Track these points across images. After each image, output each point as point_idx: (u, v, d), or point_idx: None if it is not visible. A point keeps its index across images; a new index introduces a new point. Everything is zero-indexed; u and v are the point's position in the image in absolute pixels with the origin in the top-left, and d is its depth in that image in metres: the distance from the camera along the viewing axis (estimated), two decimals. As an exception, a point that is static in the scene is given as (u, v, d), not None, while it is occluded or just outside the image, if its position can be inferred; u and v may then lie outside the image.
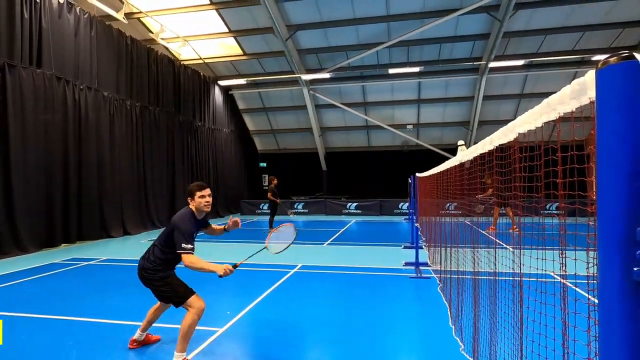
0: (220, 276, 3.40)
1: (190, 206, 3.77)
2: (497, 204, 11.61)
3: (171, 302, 3.77)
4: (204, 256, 3.73)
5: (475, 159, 3.32)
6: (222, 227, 4.19)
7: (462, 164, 4.19)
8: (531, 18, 15.16)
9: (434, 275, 6.86)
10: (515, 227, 11.05)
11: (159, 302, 4.01)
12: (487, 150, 2.77)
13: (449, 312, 4.87)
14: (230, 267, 3.43)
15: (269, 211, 13.53)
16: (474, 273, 3.58)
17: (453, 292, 4.72)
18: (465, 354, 3.69)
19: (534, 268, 1.95)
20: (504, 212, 12.20)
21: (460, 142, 13.88)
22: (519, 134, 2.00)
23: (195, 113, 18.18)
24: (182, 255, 3.54)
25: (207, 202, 3.74)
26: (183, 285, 3.75)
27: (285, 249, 4.08)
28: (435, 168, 6.49)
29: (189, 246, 3.54)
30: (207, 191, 3.77)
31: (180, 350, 3.55)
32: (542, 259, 1.88)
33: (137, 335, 4.13)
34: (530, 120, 1.76)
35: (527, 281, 2.16)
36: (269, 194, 12.94)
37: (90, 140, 11.95)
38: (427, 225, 8.91)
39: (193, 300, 3.63)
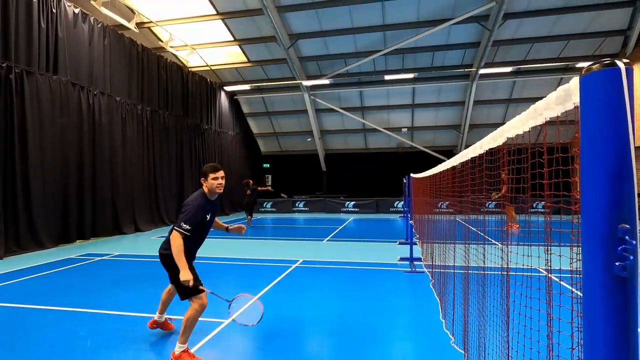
0: (181, 281, 3.31)
1: (203, 187, 3.66)
2: (508, 201, 9.81)
3: (178, 291, 3.66)
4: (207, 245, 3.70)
5: (466, 162, 3.32)
6: (226, 226, 4.25)
7: (454, 167, 4.18)
8: (519, 27, 15.16)
9: (426, 271, 6.85)
10: (516, 224, 10.69)
11: (171, 285, 3.95)
12: (477, 154, 2.77)
13: (439, 307, 4.86)
14: (191, 282, 3.32)
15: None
16: (465, 268, 3.57)
17: (444, 287, 4.71)
18: (455, 347, 3.68)
19: (521, 264, 1.94)
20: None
21: None
22: (508, 138, 2.00)
23: (202, 117, 18.18)
24: (172, 233, 3.44)
25: (219, 183, 3.62)
26: (194, 279, 3.56)
27: (244, 324, 3.80)
28: (430, 170, 6.47)
29: (186, 227, 3.39)
30: (221, 173, 3.64)
31: (182, 341, 3.47)
32: (529, 255, 1.88)
33: (157, 316, 4.17)
34: (519, 125, 1.75)
35: (513, 276, 2.15)
36: (248, 192, 14.50)
37: (103, 142, 11.96)
38: (421, 223, 8.89)
39: (198, 296, 3.54)
